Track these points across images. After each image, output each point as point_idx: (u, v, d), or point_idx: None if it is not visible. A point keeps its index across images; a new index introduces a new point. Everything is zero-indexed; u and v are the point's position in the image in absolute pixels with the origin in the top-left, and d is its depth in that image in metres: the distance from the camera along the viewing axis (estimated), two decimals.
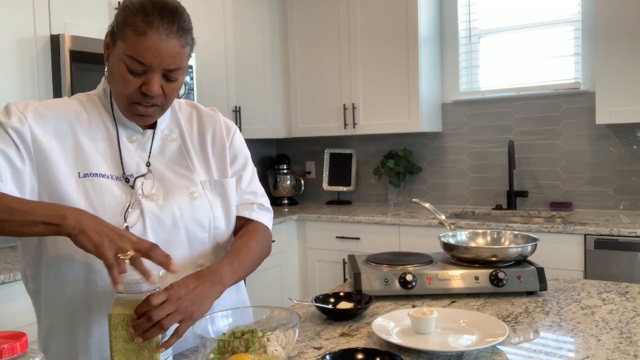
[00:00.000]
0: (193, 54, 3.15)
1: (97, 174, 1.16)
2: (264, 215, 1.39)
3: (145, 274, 1.01)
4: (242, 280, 1.41)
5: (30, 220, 0.99)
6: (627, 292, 1.55)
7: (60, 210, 1.00)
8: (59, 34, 2.45)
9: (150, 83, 1.12)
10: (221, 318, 1.19)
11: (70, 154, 1.16)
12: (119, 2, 2.73)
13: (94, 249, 0.97)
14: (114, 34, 1.15)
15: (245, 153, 1.40)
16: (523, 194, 3.45)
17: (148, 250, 1.00)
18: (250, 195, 1.37)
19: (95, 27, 2.65)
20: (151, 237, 1.16)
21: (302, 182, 4.21)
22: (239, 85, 3.62)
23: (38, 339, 1.25)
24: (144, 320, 0.98)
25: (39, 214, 1.00)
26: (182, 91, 3.03)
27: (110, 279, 0.97)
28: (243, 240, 1.28)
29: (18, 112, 1.13)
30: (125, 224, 1.14)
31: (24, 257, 1.22)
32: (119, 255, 0.97)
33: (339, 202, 4.09)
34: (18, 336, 0.75)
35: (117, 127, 1.22)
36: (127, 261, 0.98)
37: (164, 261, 1.01)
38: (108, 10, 2.72)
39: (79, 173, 1.15)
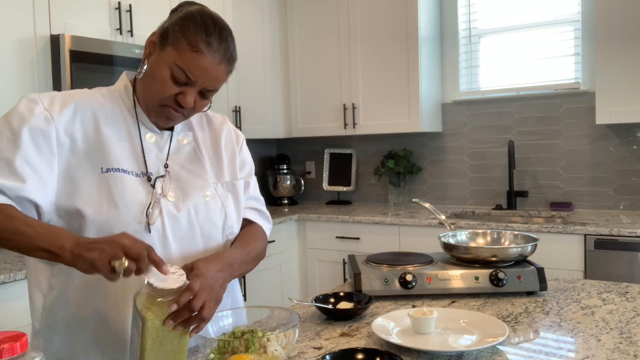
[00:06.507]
0: None
1: (119, 169, 1.17)
2: (265, 223, 1.45)
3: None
4: (238, 281, 1.44)
5: (34, 246, 1.02)
6: (627, 292, 1.55)
7: (61, 240, 1.01)
8: (59, 34, 2.45)
9: (188, 95, 1.16)
10: (221, 318, 1.19)
11: (94, 146, 1.17)
12: (118, 3, 2.73)
13: (90, 268, 0.97)
14: (165, 37, 1.16)
15: (251, 163, 1.45)
16: (523, 194, 3.45)
17: (139, 255, 0.97)
18: (255, 201, 1.43)
19: (95, 27, 2.65)
20: (170, 236, 1.19)
21: (302, 182, 4.21)
22: (239, 85, 3.62)
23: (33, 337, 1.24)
24: (186, 311, 1.01)
25: (42, 240, 1.01)
26: None
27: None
28: (250, 238, 1.34)
29: (44, 111, 1.13)
30: (147, 222, 1.16)
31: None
32: (113, 266, 0.96)
33: (339, 202, 4.09)
34: (18, 336, 0.75)
35: (139, 125, 1.24)
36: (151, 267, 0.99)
37: (158, 262, 1.00)
38: (108, 10, 2.72)
39: (102, 168, 1.16)
